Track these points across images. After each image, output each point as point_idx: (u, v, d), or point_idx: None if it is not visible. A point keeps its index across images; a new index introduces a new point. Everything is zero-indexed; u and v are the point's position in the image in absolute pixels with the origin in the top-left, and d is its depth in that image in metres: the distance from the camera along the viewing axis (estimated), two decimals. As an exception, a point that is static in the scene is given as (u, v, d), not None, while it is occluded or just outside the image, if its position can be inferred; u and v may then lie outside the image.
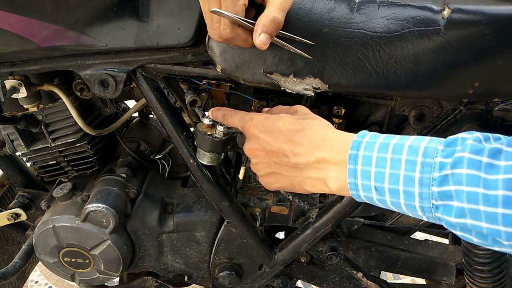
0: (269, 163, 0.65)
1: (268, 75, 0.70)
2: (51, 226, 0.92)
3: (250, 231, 0.94)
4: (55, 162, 0.98)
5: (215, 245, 0.98)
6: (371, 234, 1.10)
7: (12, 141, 0.96)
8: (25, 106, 0.87)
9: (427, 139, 0.50)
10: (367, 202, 0.55)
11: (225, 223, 0.94)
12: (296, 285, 1.21)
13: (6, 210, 1.04)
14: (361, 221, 0.99)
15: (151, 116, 1.20)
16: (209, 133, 0.75)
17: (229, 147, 0.78)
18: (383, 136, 0.54)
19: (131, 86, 0.88)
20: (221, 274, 1.00)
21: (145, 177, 1.04)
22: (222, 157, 0.80)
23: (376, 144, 0.53)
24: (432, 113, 0.79)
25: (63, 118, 0.93)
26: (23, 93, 0.83)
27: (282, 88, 0.71)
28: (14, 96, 0.82)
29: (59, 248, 0.95)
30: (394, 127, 0.87)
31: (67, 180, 1.03)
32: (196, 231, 0.97)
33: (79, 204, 0.95)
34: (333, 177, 0.57)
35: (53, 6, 0.69)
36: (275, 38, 0.63)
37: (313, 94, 0.71)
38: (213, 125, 0.76)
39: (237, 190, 0.98)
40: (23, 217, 1.04)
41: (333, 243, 0.96)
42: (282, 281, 1.03)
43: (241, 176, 0.89)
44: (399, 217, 0.98)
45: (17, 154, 1.01)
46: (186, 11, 0.69)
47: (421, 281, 1.49)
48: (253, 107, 0.86)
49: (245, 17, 0.60)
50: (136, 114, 1.12)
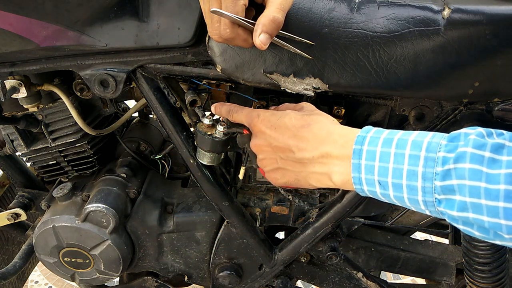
0: (275, 159, 0.66)
1: (268, 75, 0.70)
2: (51, 226, 0.92)
3: (250, 231, 0.94)
4: (55, 162, 0.98)
5: (215, 245, 0.98)
6: (371, 234, 1.10)
7: (12, 141, 0.96)
8: (25, 106, 0.87)
9: (430, 134, 0.50)
10: (371, 196, 0.56)
11: (225, 223, 0.94)
12: (296, 285, 1.21)
13: (6, 210, 1.04)
14: (361, 221, 0.99)
15: (151, 116, 1.20)
16: (209, 133, 0.75)
17: (229, 147, 0.78)
18: (387, 131, 0.54)
19: (131, 86, 0.88)
20: (221, 274, 1.00)
21: (145, 177, 1.04)
22: (222, 157, 0.80)
23: (380, 139, 0.53)
24: (432, 113, 0.79)
25: (63, 118, 0.93)
26: (23, 93, 0.83)
27: (282, 88, 0.71)
28: (14, 96, 0.82)
29: (59, 248, 0.95)
30: (394, 127, 0.86)
31: (67, 180, 1.03)
32: (196, 231, 0.97)
33: (79, 204, 0.95)
34: (337, 171, 0.57)
35: (53, 6, 0.69)
36: (275, 38, 0.63)
37: (313, 94, 0.71)
38: (213, 125, 0.76)
39: (237, 190, 0.98)
40: (23, 217, 1.04)
41: (333, 243, 0.96)
42: (282, 281, 1.03)
43: (241, 176, 0.89)
44: (399, 217, 0.98)
45: (17, 154, 1.01)
46: (186, 11, 0.69)
47: (421, 281, 1.49)
48: (253, 107, 0.86)
49: (245, 17, 0.60)
50: (136, 114, 1.12)
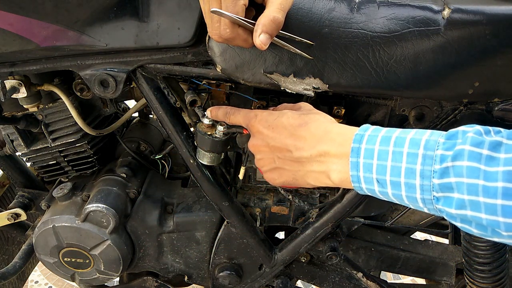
0: (272, 159, 0.66)
1: (268, 75, 0.70)
2: (51, 226, 0.92)
3: (250, 231, 0.94)
4: (55, 162, 0.98)
5: (215, 245, 0.98)
6: (371, 234, 1.10)
7: (12, 141, 0.96)
8: (25, 106, 0.87)
9: (428, 132, 0.51)
10: (370, 194, 0.56)
11: (225, 223, 0.94)
12: (296, 285, 1.21)
13: (6, 210, 1.04)
14: (361, 221, 0.99)
15: (151, 116, 1.20)
16: (209, 133, 0.75)
17: (229, 147, 0.78)
18: (385, 129, 0.54)
19: (131, 86, 0.88)
20: (221, 274, 1.00)
21: (145, 177, 1.04)
22: (222, 157, 0.80)
23: (378, 137, 0.53)
24: (432, 113, 0.79)
25: (63, 118, 0.93)
26: (23, 93, 0.83)
27: (282, 88, 0.71)
28: (14, 96, 0.82)
29: (59, 248, 0.95)
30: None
31: (67, 180, 1.03)
32: (196, 231, 0.97)
33: (79, 204, 0.95)
34: (335, 169, 0.57)
35: (53, 6, 0.69)
36: (275, 38, 0.63)
37: (313, 94, 0.71)
38: (213, 125, 0.76)
39: (237, 190, 0.98)
40: (23, 217, 1.04)
41: (333, 243, 0.96)
42: (282, 281, 1.03)
43: (241, 176, 0.89)
44: (399, 217, 0.98)
45: (17, 154, 1.01)
46: (186, 11, 0.69)
47: (421, 281, 1.49)
48: (253, 107, 0.86)
49: (245, 17, 0.60)
50: (136, 114, 1.12)
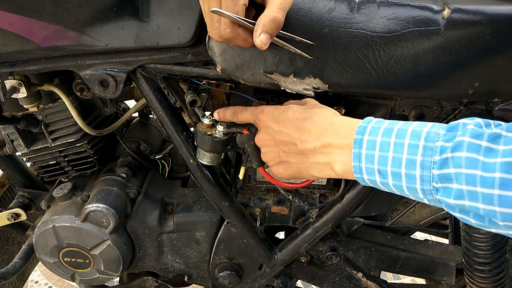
0: (278, 152, 0.67)
1: (268, 75, 0.70)
2: (51, 226, 0.92)
3: (250, 231, 0.94)
4: (55, 162, 0.98)
5: (215, 245, 0.98)
6: (371, 234, 1.11)
7: (12, 141, 0.96)
8: (25, 106, 0.87)
9: (429, 124, 0.51)
10: (371, 185, 0.57)
11: (225, 223, 0.94)
12: (296, 285, 1.21)
13: (6, 210, 1.04)
14: (361, 221, 0.99)
15: (151, 116, 1.20)
16: (209, 133, 0.75)
17: (229, 147, 0.78)
18: (387, 121, 0.55)
19: (131, 86, 0.88)
20: (221, 274, 1.00)
21: (145, 177, 1.04)
22: (222, 157, 0.80)
23: (380, 129, 0.54)
24: (432, 113, 0.79)
25: (63, 118, 0.93)
26: (23, 93, 0.83)
27: (282, 88, 0.71)
28: (14, 96, 0.82)
29: (59, 248, 0.95)
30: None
31: (67, 180, 1.03)
32: (196, 231, 0.97)
33: (79, 204, 0.95)
34: (338, 160, 0.58)
35: (53, 6, 0.69)
36: (275, 38, 0.63)
37: (313, 94, 0.71)
38: (213, 125, 0.76)
39: (237, 190, 0.98)
40: (23, 217, 1.04)
41: (333, 243, 0.96)
42: (282, 281, 1.03)
43: (241, 176, 0.89)
44: (399, 217, 0.98)
45: (17, 154, 1.01)
46: (186, 11, 0.69)
47: (421, 281, 1.49)
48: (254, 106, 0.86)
49: (245, 17, 0.60)
50: (136, 114, 1.12)
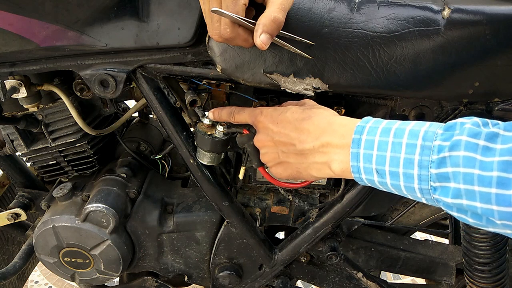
0: (277, 153, 0.67)
1: (268, 75, 0.70)
2: (51, 226, 0.92)
3: (250, 231, 0.94)
4: (55, 162, 0.98)
5: (215, 245, 0.98)
6: (371, 234, 1.10)
7: (12, 141, 0.96)
8: (25, 106, 0.87)
9: (427, 123, 0.51)
10: (369, 185, 0.57)
11: (225, 223, 0.94)
12: (296, 285, 1.21)
13: (6, 210, 1.04)
14: (361, 221, 0.99)
15: (151, 116, 1.20)
16: (209, 133, 0.75)
17: (229, 147, 0.78)
18: (385, 121, 0.55)
19: (131, 86, 0.88)
20: (221, 274, 1.00)
21: (145, 177, 1.04)
22: (222, 157, 0.80)
23: (378, 128, 0.54)
24: (432, 113, 0.79)
25: (63, 118, 0.93)
26: (23, 93, 0.83)
27: (282, 88, 0.71)
28: (14, 96, 0.82)
29: (59, 248, 0.95)
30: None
31: (67, 180, 1.03)
32: (196, 231, 0.97)
33: (79, 204, 0.95)
34: (337, 159, 0.58)
35: (53, 6, 0.69)
36: (275, 38, 0.63)
37: (313, 94, 0.71)
38: (213, 125, 0.76)
39: (237, 190, 0.98)
40: (23, 217, 1.04)
41: (333, 243, 0.96)
42: (282, 281, 1.03)
43: (241, 176, 0.89)
44: (399, 217, 0.98)
45: (17, 154, 1.01)
46: (186, 11, 0.69)
47: (421, 281, 1.49)
48: (253, 107, 0.86)
49: (245, 17, 0.60)
50: (136, 114, 1.12)
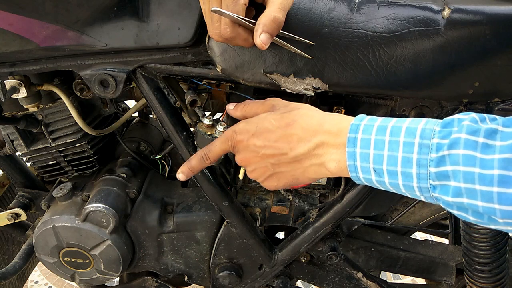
0: (266, 167, 0.63)
1: (268, 75, 0.70)
2: (51, 226, 0.92)
3: (250, 231, 0.94)
4: (55, 162, 0.98)
5: (215, 245, 0.98)
6: (371, 234, 1.10)
7: (12, 141, 0.96)
8: (25, 106, 0.87)
9: (423, 121, 0.51)
10: (366, 184, 0.56)
11: (225, 223, 0.94)
12: (296, 285, 1.21)
13: (6, 210, 1.04)
14: (361, 221, 0.99)
15: (151, 116, 1.20)
16: (209, 133, 0.75)
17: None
18: (380, 119, 0.54)
19: (131, 86, 0.88)
20: (221, 274, 1.00)
21: (145, 177, 1.04)
22: (222, 157, 0.80)
23: (374, 127, 0.53)
24: (432, 113, 0.79)
25: (63, 118, 0.93)
26: (23, 93, 0.83)
27: (282, 88, 0.71)
28: (14, 96, 0.82)
29: (59, 248, 0.95)
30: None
31: (67, 180, 1.03)
32: (196, 231, 0.97)
33: (79, 204, 0.95)
34: (333, 159, 0.57)
35: (53, 6, 0.69)
36: (275, 37, 0.63)
37: (313, 94, 0.71)
38: (213, 125, 0.76)
39: (237, 190, 0.98)
40: (23, 217, 1.04)
41: (333, 243, 0.96)
42: (282, 281, 1.03)
43: (241, 176, 0.89)
44: (399, 217, 0.98)
45: (17, 154, 1.01)
46: (186, 11, 0.69)
47: (421, 281, 1.49)
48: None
49: (245, 17, 0.60)
50: (136, 114, 1.12)
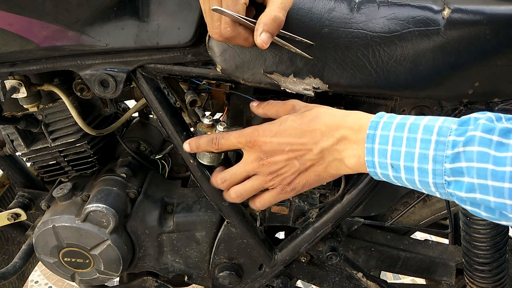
0: (293, 162, 0.64)
1: (268, 75, 0.70)
2: (51, 226, 0.92)
3: (250, 231, 0.94)
4: (55, 162, 0.98)
5: (215, 245, 0.98)
6: (371, 234, 1.10)
7: (12, 141, 0.96)
8: (25, 106, 0.87)
9: (441, 119, 0.52)
10: (383, 179, 0.57)
11: (225, 223, 0.94)
12: (296, 285, 1.21)
13: (6, 210, 1.04)
14: (361, 221, 0.99)
15: (151, 116, 1.20)
16: (209, 133, 0.75)
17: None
18: (400, 116, 0.56)
19: (131, 86, 0.88)
20: (221, 274, 1.00)
21: (145, 177, 1.04)
22: (222, 157, 0.80)
23: (393, 124, 0.55)
24: (432, 113, 0.79)
25: (63, 118, 0.93)
26: (23, 93, 0.83)
27: (282, 88, 0.71)
28: (14, 96, 0.82)
29: (59, 248, 0.95)
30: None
31: (67, 180, 1.03)
32: (196, 231, 0.97)
33: (79, 204, 0.95)
34: (352, 154, 0.59)
35: (53, 6, 0.69)
36: (275, 37, 0.63)
37: (313, 94, 0.71)
38: (213, 125, 0.76)
39: (237, 190, 0.98)
40: (23, 217, 1.04)
41: (333, 243, 0.96)
42: (282, 281, 1.03)
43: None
44: (399, 217, 0.98)
45: (17, 154, 1.01)
46: (186, 11, 0.69)
47: (421, 281, 1.49)
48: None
49: (245, 16, 0.60)
50: (136, 114, 1.12)
